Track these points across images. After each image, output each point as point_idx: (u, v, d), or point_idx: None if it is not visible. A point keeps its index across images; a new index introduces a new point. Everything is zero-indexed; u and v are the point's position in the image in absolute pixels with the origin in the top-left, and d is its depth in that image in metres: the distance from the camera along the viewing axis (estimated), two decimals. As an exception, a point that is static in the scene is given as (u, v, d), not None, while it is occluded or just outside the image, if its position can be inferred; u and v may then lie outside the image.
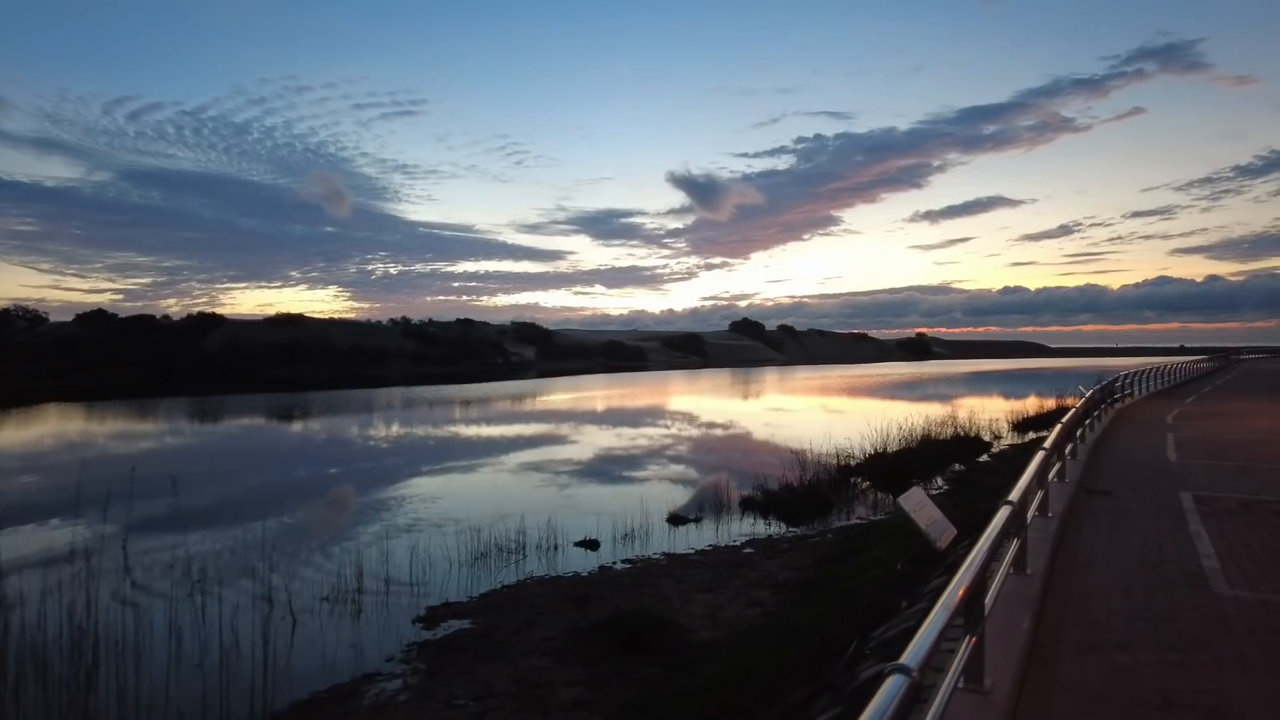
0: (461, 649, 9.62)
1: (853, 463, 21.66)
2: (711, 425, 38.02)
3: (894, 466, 21.05)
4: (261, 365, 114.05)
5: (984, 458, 24.37)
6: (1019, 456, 18.52)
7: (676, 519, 16.32)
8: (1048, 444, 6.03)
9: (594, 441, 30.65)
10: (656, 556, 13.66)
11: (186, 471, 24.13)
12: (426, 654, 9.54)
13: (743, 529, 15.79)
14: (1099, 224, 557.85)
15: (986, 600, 3.90)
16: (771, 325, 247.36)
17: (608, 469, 23.44)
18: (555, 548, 14.21)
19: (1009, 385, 69.36)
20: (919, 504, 4.63)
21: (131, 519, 16.34)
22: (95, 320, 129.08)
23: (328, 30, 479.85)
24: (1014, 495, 4.40)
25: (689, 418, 42.41)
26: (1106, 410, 19.77)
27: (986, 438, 28.05)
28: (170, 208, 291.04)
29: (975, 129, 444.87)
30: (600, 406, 53.07)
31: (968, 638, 3.67)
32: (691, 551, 13.98)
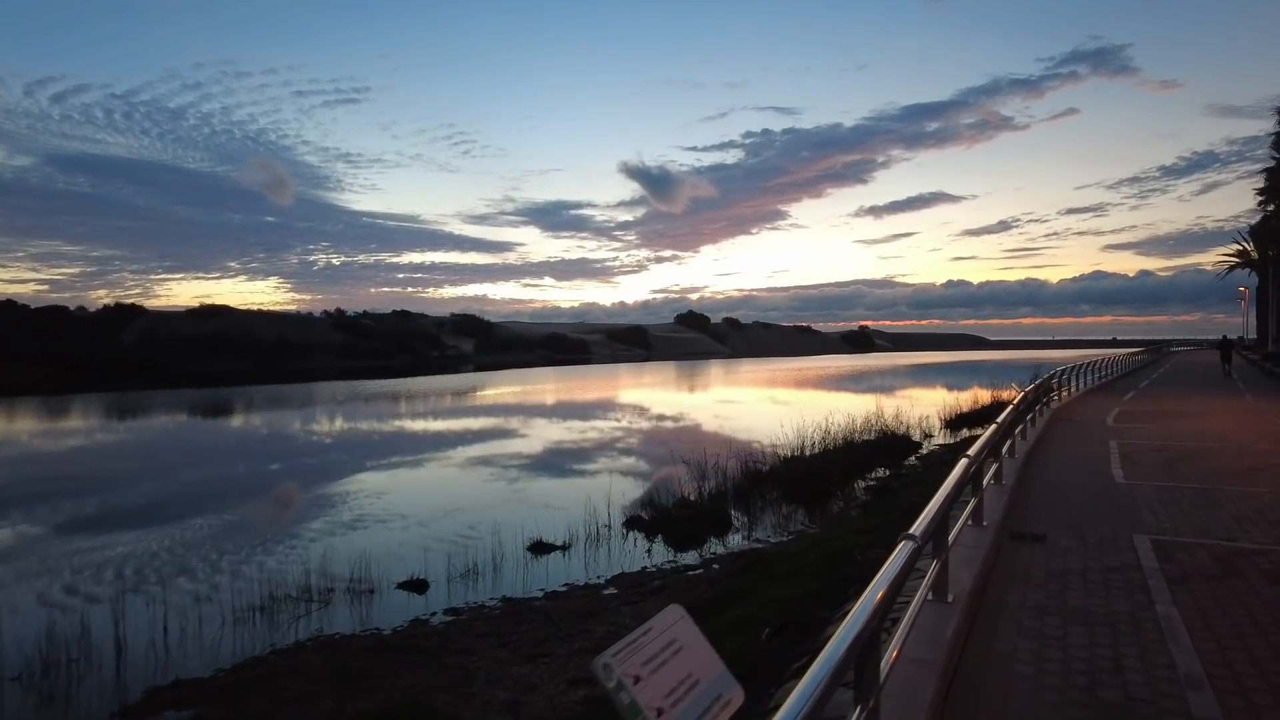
0: (150, 766, 6.78)
1: (764, 469, 19.14)
2: (622, 426, 35.33)
3: (810, 473, 18.67)
4: (181, 359, 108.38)
5: (911, 460, 22.23)
6: (947, 459, 16.32)
7: (541, 547, 13.60)
8: (917, 528, 3.35)
9: (484, 446, 27.64)
10: (492, 603, 10.91)
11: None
12: (98, 775, 6.67)
13: (617, 558, 13.14)
14: (1036, 220, 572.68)
15: None
16: (720, 318, 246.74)
17: (483, 483, 20.39)
18: (371, 591, 11.36)
19: (946, 377, 68.11)
20: (664, 647, 1.63)
21: None
22: (3, 312, 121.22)
23: (267, 14, 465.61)
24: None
25: (603, 417, 39.64)
26: (1042, 411, 17.60)
27: (916, 437, 25.97)
28: (99, 195, 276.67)
29: (918, 126, 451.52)
30: (514, 403, 49.90)
31: None
32: (539, 594, 11.26)
